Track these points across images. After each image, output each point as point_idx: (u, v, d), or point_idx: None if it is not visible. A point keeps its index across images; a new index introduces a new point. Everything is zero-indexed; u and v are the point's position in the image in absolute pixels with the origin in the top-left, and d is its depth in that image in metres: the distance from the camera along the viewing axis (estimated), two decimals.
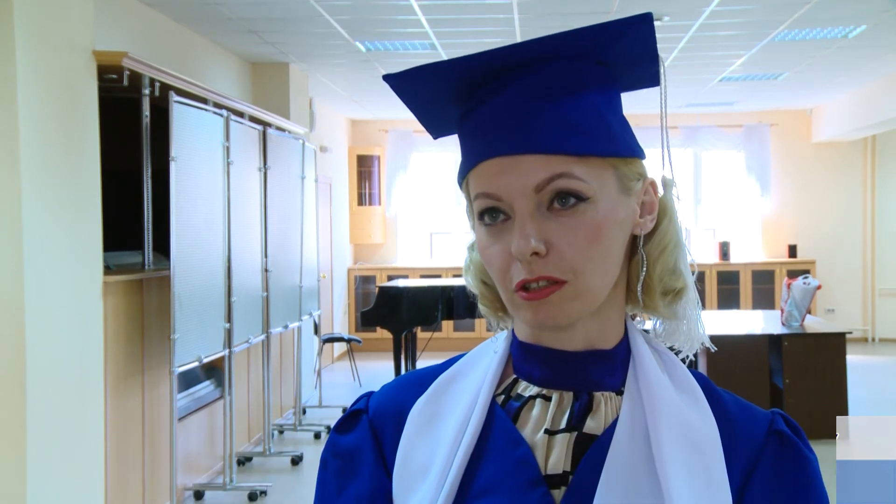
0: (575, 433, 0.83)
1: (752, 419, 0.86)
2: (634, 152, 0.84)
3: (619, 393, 0.85)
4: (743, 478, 0.83)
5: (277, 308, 6.14)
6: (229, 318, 5.16)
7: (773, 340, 6.40)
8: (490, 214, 0.81)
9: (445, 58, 0.91)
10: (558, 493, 0.81)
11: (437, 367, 0.93)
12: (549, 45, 0.80)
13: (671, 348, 0.90)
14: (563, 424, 0.83)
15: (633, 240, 0.85)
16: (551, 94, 0.80)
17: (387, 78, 0.84)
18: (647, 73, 0.89)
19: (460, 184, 0.87)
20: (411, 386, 0.92)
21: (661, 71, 0.87)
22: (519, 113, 0.80)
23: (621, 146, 0.82)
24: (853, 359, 8.12)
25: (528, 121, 0.80)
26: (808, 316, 6.84)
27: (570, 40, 0.81)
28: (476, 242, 0.86)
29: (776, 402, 6.40)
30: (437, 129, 0.93)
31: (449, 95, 0.85)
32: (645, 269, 0.85)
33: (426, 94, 0.86)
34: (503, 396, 0.87)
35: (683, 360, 0.89)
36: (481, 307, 0.91)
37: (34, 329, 3.62)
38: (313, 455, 6.25)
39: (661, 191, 0.88)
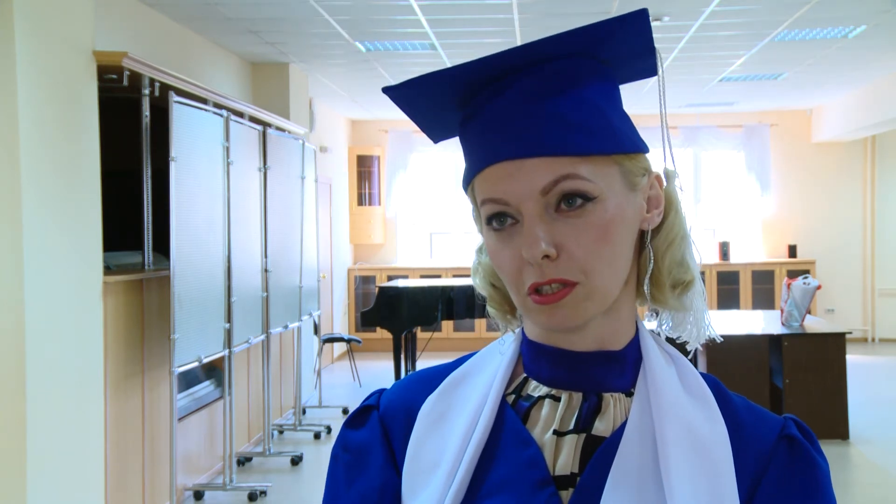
0: (584, 435, 0.83)
1: (763, 424, 0.86)
2: (638, 147, 0.83)
3: (629, 394, 0.85)
4: (753, 482, 0.82)
5: (277, 308, 6.14)
6: (229, 319, 5.16)
7: (773, 340, 6.40)
8: (498, 219, 0.81)
9: (445, 58, 0.91)
10: (566, 495, 0.81)
11: (447, 366, 0.93)
12: (547, 46, 0.80)
13: (672, 341, 0.89)
14: (571, 425, 0.83)
15: (641, 235, 0.85)
16: (552, 95, 0.80)
17: (386, 90, 0.83)
18: (644, 65, 0.89)
19: (466, 189, 0.86)
20: (421, 384, 0.92)
21: (659, 63, 0.87)
22: (521, 115, 0.80)
23: (625, 142, 0.82)
24: (853, 359, 8.11)
25: (531, 123, 0.79)
26: (808, 316, 6.83)
27: (568, 40, 0.81)
28: (485, 246, 0.85)
29: (776, 402, 6.40)
30: (437, 133, 0.92)
31: (449, 102, 0.85)
32: (652, 263, 0.85)
33: (425, 102, 0.86)
34: (513, 396, 0.87)
35: (690, 357, 0.89)
36: (490, 309, 0.91)
37: (34, 329, 3.62)
38: (313, 455, 6.25)
39: (664, 183, 0.87)
